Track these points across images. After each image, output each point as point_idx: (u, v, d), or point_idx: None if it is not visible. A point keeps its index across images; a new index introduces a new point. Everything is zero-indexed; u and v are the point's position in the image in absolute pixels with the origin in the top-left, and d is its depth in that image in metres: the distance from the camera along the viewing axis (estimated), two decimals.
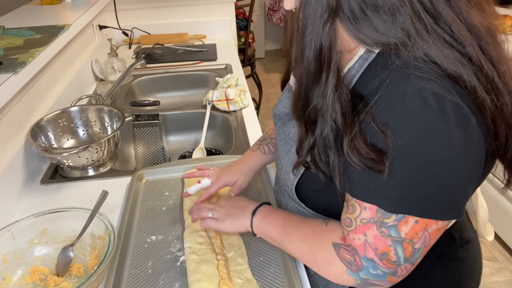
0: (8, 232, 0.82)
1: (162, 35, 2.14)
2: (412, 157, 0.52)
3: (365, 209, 0.57)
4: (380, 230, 0.56)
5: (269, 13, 4.27)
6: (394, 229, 0.55)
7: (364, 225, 0.57)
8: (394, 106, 0.52)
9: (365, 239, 0.57)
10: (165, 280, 0.76)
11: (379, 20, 0.53)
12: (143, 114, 1.39)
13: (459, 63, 0.52)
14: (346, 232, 0.60)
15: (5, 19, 1.49)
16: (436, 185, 0.52)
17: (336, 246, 0.62)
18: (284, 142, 0.76)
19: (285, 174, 0.74)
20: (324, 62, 0.57)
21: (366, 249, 0.57)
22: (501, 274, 1.90)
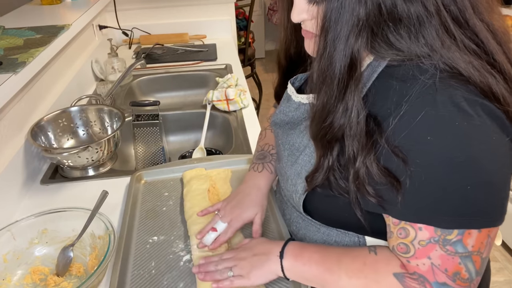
0: (8, 232, 0.82)
1: (162, 35, 2.14)
2: (459, 167, 0.49)
3: (420, 229, 0.53)
4: (445, 249, 0.52)
5: (269, 13, 4.26)
6: (460, 244, 0.51)
7: (424, 248, 0.53)
8: (427, 117, 0.50)
9: (431, 263, 0.53)
10: (169, 280, 0.76)
11: (402, 34, 0.52)
12: (143, 114, 1.38)
13: (487, 73, 0.51)
14: (405, 260, 0.56)
15: (5, 19, 1.49)
16: (488, 191, 0.50)
17: (399, 276, 0.57)
18: (289, 153, 0.72)
19: (291, 186, 0.70)
20: (352, 75, 0.54)
21: (436, 273, 0.53)
22: (501, 274, 1.90)
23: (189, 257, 0.80)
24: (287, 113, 0.76)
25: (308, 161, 0.67)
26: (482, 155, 0.49)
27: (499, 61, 0.52)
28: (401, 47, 0.52)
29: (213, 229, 0.80)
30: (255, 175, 0.87)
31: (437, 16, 0.50)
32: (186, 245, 0.84)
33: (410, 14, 0.50)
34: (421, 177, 0.51)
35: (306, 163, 0.67)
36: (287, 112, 0.76)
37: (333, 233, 0.70)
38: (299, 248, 0.68)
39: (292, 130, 0.73)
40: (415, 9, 0.50)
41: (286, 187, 0.73)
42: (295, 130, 0.72)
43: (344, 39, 0.52)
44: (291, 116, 0.75)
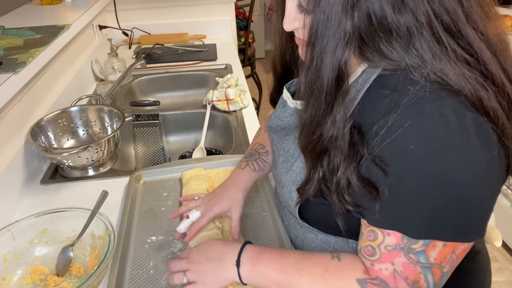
0: (8, 232, 0.82)
1: (162, 35, 2.14)
2: (436, 180, 0.49)
3: (388, 235, 0.53)
4: (408, 256, 0.52)
5: (269, 13, 4.26)
6: (423, 254, 0.52)
7: (389, 253, 0.54)
8: (413, 126, 0.49)
9: (394, 268, 0.53)
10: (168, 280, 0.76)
11: (394, 45, 0.51)
12: (143, 114, 1.39)
13: (479, 86, 0.50)
14: (370, 262, 0.56)
15: (5, 19, 1.49)
16: (462, 207, 0.50)
17: (362, 282, 0.57)
18: (284, 159, 0.72)
19: (287, 193, 0.70)
20: (340, 87, 0.54)
21: (397, 280, 0.54)
22: (501, 274, 1.90)
23: None
24: (283, 118, 0.76)
25: (303, 168, 0.66)
26: (462, 171, 0.49)
27: (493, 72, 0.51)
28: (392, 57, 0.52)
29: (186, 217, 0.81)
30: (237, 172, 0.87)
31: (428, 27, 0.50)
32: (184, 245, 0.84)
33: (400, 25, 0.50)
34: (399, 186, 0.51)
35: (301, 170, 0.67)
36: (282, 118, 0.76)
37: (331, 241, 0.69)
38: (255, 254, 0.66)
39: (287, 136, 0.73)
40: (405, 20, 0.49)
41: (282, 193, 0.72)
42: (290, 136, 0.72)
43: (331, 52, 0.52)
44: (286, 122, 0.75)
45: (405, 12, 0.49)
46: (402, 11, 0.49)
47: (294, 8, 0.57)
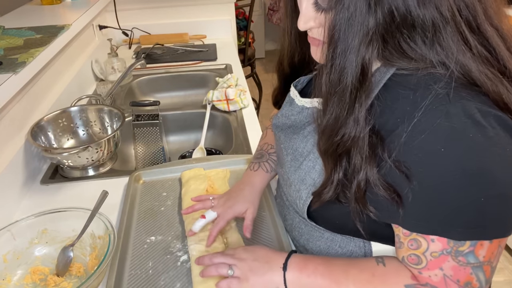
0: (8, 232, 0.82)
1: (162, 35, 2.14)
2: (472, 180, 0.49)
3: (432, 241, 0.53)
4: (457, 260, 0.52)
5: (269, 13, 4.26)
6: (472, 255, 0.52)
7: (437, 259, 0.53)
8: (440, 128, 0.49)
9: (443, 274, 0.53)
10: (166, 280, 0.76)
11: (417, 41, 0.51)
12: (143, 114, 1.39)
13: (499, 83, 0.51)
14: (417, 271, 0.56)
15: (5, 19, 1.49)
16: (500, 203, 0.50)
17: (410, 287, 0.56)
18: (292, 158, 0.71)
19: (295, 192, 0.69)
20: (363, 85, 0.53)
21: (448, 284, 0.53)
22: (501, 274, 1.90)
23: (186, 257, 0.81)
24: (289, 116, 0.75)
25: (312, 167, 0.66)
26: (496, 167, 0.49)
27: (510, 69, 0.52)
28: (413, 55, 0.51)
29: (202, 216, 0.80)
30: (250, 174, 0.87)
31: (452, 22, 0.49)
32: (183, 245, 0.84)
33: (426, 19, 0.49)
34: (434, 190, 0.51)
35: (310, 169, 0.66)
36: (289, 116, 0.75)
37: (338, 239, 0.69)
38: (303, 261, 0.66)
39: (296, 135, 0.72)
40: (430, 15, 0.49)
41: (289, 192, 0.72)
42: (298, 134, 0.71)
43: (355, 50, 0.51)
44: (294, 120, 0.74)
45: (429, 6, 0.49)
46: (426, 5, 0.49)
47: (310, 7, 0.56)
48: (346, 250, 0.70)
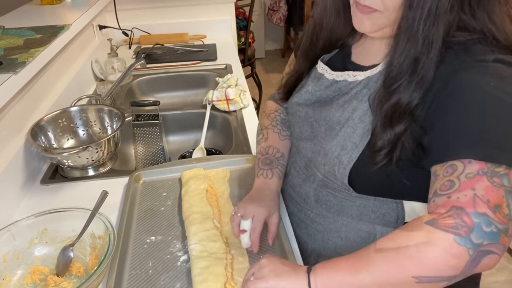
0: (8, 232, 0.82)
1: (162, 35, 2.14)
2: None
3: (470, 162, 0.53)
4: (491, 180, 0.52)
5: (269, 13, 4.26)
6: (506, 177, 0.52)
7: (471, 180, 0.52)
8: (495, 66, 0.57)
9: (474, 193, 0.52)
10: (166, 280, 0.76)
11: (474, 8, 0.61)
12: (143, 114, 1.39)
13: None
14: (446, 196, 0.54)
15: (5, 19, 1.49)
16: None
17: (431, 222, 0.53)
18: (327, 127, 0.74)
19: (332, 159, 0.71)
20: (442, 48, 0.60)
21: (476, 203, 0.51)
22: (501, 274, 1.90)
23: (186, 258, 0.81)
24: (315, 92, 0.79)
25: (352, 132, 0.70)
26: None
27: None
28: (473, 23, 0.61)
29: (242, 231, 0.77)
30: (265, 182, 0.86)
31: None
32: (183, 245, 0.84)
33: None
34: (479, 113, 0.55)
35: (350, 134, 0.70)
36: (314, 92, 0.79)
37: (370, 204, 0.73)
38: (325, 261, 0.62)
39: (328, 106, 0.75)
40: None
41: (325, 161, 0.73)
42: (331, 105, 0.75)
43: (444, 13, 0.58)
44: (319, 96, 0.78)
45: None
46: None
47: None
48: (379, 214, 0.73)
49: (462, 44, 0.60)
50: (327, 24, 0.78)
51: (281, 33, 4.58)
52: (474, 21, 0.61)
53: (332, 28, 0.78)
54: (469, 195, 0.52)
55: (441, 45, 0.60)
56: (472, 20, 0.61)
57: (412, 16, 0.59)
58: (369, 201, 0.73)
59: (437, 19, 0.58)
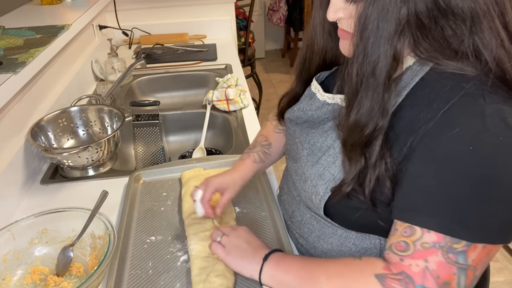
0: (8, 232, 0.82)
1: (162, 35, 2.14)
2: (492, 182, 0.49)
3: (428, 232, 0.52)
4: (446, 256, 0.51)
5: (269, 13, 4.26)
6: (463, 255, 0.50)
7: (426, 250, 0.52)
8: (472, 127, 0.49)
9: (426, 266, 0.52)
10: (166, 280, 0.76)
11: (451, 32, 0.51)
12: (143, 114, 1.39)
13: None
14: (399, 258, 0.54)
15: (5, 19, 1.49)
16: (509, 212, 0.50)
17: (380, 277, 0.55)
18: (309, 152, 0.70)
19: (311, 188, 0.68)
20: (393, 75, 0.54)
21: (425, 277, 0.51)
22: (501, 274, 1.90)
23: (186, 258, 0.81)
24: (307, 111, 0.74)
25: (332, 162, 0.65)
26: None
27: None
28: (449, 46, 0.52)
29: (194, 201, 0.84)
30: (239, 163, 0.90)
31: (488, 15, 0.50)
32: (183, 245, 0.84)
33: (464, 10, 0.50)
34: (451, 185, 0.50)
35: (330, 164, 0.65)
36: (306, 111, 0.74)
37: (352, 236, 0.69)
38: (282, 256, 0.68)
39: (314, 129, 0.71)
40: (468, 6, 0.50)
41: (304, 188, 0.71)
42: (317, 129, 0.70)
43: (388, 40, 0.51)
44: (311, 115, 0.73)
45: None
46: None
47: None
48: (360, 248, 0.68)
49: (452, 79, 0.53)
50: (319, 45, 0.73)
51: (281, 33, 4.59)
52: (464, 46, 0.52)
53: (326, 49, 0.74)
54: (420, 266, 0.52)
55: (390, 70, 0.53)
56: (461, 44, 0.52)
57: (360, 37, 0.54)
58: (351, 233, 0.68)
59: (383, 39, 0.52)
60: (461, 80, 0.51)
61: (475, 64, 0.51)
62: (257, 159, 0.89)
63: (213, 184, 0.83)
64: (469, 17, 0.50)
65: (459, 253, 0.51)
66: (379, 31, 0.51)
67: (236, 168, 0.88)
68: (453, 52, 0.52)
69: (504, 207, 0.49)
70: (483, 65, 0.51)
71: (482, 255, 0.51)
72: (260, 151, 0.90)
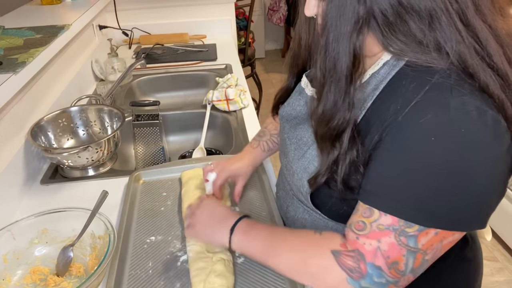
0: (8, 232, 0.82)
1: (162, 35, 2.14)
2: (452, 172, 0.50)
3: (385, 215, 0.54)
4: (398, 238, 0.54)
5: (269, 13, 4.26)
6: (414, 239, 0.53)
7: (380, 232, 0.55)
8: (436, 119, 0.51)
9: (378, 246, 0.55)
10: (166, 280, 0.76)
11: (417, 26, 0.52)
12: (143, 114, 1.39)
13: (488, 76, 0.52)
14: (356, 236, 0.57)
15: (5, 19, 1.49)
16: (469, 199, 0.52)
17: (336, 253, 0.58)
18: (296, 147, 0.73)
19: (298, 181, 0.71)
20: (357, 70, 0.56)
21: (376, 256, 0.55)
22: (501, 274, 1.90)
23: (186, 258, 0.81)
24: (295, 107, 0.76)
25: (316, 155, 0.68)
26: (476, 165, 0.50)
27: (498, 64, 0.53)
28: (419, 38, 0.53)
29: (206, 180, 0.91)
30: (249, 150, 0.96)
31: (446, 12, 0.52)
32: (183, 245, 0.84)
33: (421, 8, 0.51)
34: (412, 174, 0.52)
35: (314, 157, 0.68)
36: (295, 106, 0.76)
37: (342, 228, 0.69)
38: (249, 226, 0.71)
39: (301, 125, 0.73)
40: (425, 3, 0.51)
41: (293, 181, 0.73)
42: (304, 124, 0.73)
43: (347, 37, 0.54)
44: (299, 111, 0.75)
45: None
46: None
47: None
48: None
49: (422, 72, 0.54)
50: (305, 40, 0.74)
51: (281, 33, 4.59)
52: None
53: (312, 44, 0.74)
54: (373, 245, 0.55)
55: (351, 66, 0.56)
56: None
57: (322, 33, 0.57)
58: (341, 225, 0.70)
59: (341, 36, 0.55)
60: (429, 73, 0.53)
61: (441, 58, 0.53)
62: (266, 148, 0.95)
63: (227, 171, 0.91)
64: (427, 14, 0.52)
65: (411, 237, 0.53)
66: (337, 28, 0.54)
67: (247, 156, 0.94)
68: (421, 47, 0.54)
69: (459, 196, 0.51)
70: (446, 59, 0.53)
71: (433, 241, 0.53)
72: (269, 140, 0.95)
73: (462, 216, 0.53)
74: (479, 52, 0.52)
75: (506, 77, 0.52)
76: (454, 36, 0.52)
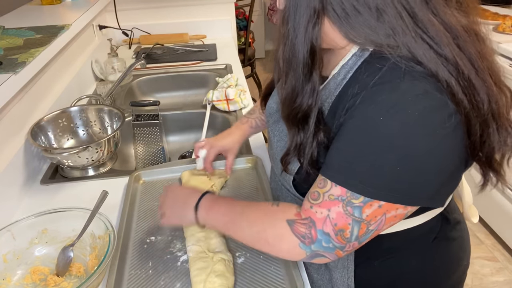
0: (8, 232, 0.82)
1: (162, 35, 2.14)
2: (396, 149, 0.54)
3: (335, 186, 0.59)
4: (345, 208, 0.58)
5: (269, 13, 4.26)
6: (359, 210, 0.57)
7: (331, 201, 0.59)
8: (386, 100, 0.54)
9: (328, 214, 0.59)
10: (166, 280, 0.76)
11: (369, 18, 0.56)
12: (143, 114, 1.39)
13: (437, 63, 0.54)
14: (310, 205, 0.61)
15: (5, 19, 1.49)
16: (412, 177, 0.55)
17: (290, 222, 0.63)
18: (278, 139, 0.77)
19: (281, 168, 0.74)
20: (314, 60, 0.60)
21: (325, 223, 0.59)
22: (501, 274, 1.90)
23: (186, 258, 0.81)
24: (276, 99, 0.79)
25: None
26: (420, 145, 0.54)
27: (447, 53, 0.55)
28: (373, 28, 0.56)
29: (197, 157, 1.00)
30: (238, 126, 1.04)
31: (392, 4, 0.54)
32: (183, 245, 0.84)
33: (370, 1, 0.55)
34: (360, 149, 0.57)
35: None
36: (276, 99, 0.79)
37: None
38: (211, 202, 0.75)
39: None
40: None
41: (278, 171, 0.77)
42: None
43: (303, 29, 0.58)
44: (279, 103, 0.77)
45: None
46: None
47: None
48: None
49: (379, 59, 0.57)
50: None
51: None
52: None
53: None
54: (324, 214, 0.60)
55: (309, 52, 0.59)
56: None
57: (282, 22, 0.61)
58: None
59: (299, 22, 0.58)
60: (384, 61, 0.56)
61: (391, 48, 0.56)
62: (254, 125, 1.03)
63: (217, 147, 1.01)
64: (375, 7, 0.55)
65: (356, 207, 0.57)
66: (295, 18, 0.58)
67: (235, 132, 1.03)
68: (375, 37, 0.57)
69: (400, 171, 0.55)
70: (396, 49, 0.56)
71: (377, 213, 0.57)
72: (258, 117, 1.02)
73: (403, 190, 0.56)
74: (427, 41, 0.55)
75: (456, 64, 0.55)
76: (400, 28, 0.55)
